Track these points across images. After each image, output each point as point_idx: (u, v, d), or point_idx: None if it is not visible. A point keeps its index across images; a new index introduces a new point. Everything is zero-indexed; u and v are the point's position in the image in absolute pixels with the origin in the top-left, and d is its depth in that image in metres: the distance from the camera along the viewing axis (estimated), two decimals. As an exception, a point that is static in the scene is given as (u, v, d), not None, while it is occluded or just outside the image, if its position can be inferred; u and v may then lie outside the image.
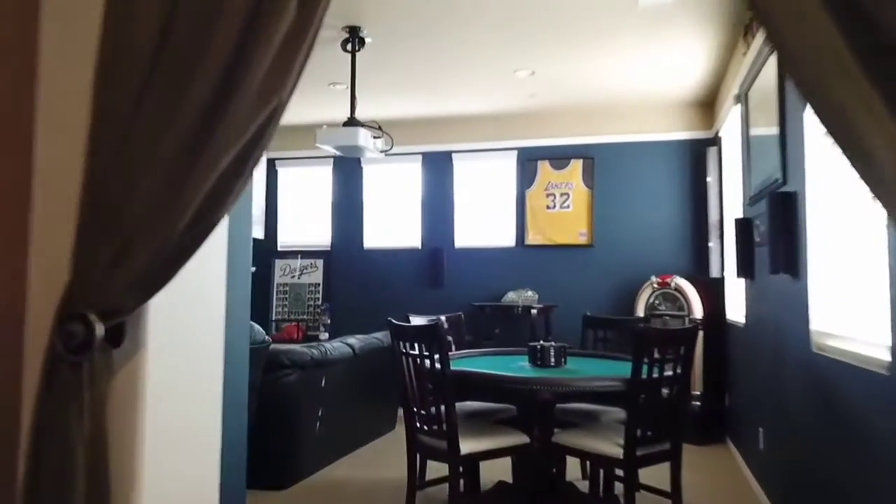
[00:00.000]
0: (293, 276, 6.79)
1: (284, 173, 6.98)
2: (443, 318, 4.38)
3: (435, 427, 3.14)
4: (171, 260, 1.27)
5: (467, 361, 3.66)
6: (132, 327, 1.33)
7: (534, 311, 5.80)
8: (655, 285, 5.57)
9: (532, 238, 6.28)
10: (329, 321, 6.52)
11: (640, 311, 5.59)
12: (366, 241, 6.70)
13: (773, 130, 3.36)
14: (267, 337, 3.26)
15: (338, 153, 4.23)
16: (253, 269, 6.40)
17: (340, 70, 4.86)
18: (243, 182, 1.29)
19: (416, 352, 3.21)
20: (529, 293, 6.06)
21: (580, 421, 3.64)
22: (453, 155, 6.51)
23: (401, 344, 3.30)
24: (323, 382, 4.35)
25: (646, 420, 2.98)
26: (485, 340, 5.83)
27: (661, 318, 5.46)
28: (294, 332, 6.45)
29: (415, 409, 3.25)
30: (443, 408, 3.07)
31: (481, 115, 6.31)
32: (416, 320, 4.18)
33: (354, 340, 4.83)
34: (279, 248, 6.93)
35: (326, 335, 6.47)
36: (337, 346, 4.53)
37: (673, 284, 5.50)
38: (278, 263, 6.86)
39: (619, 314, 5.63)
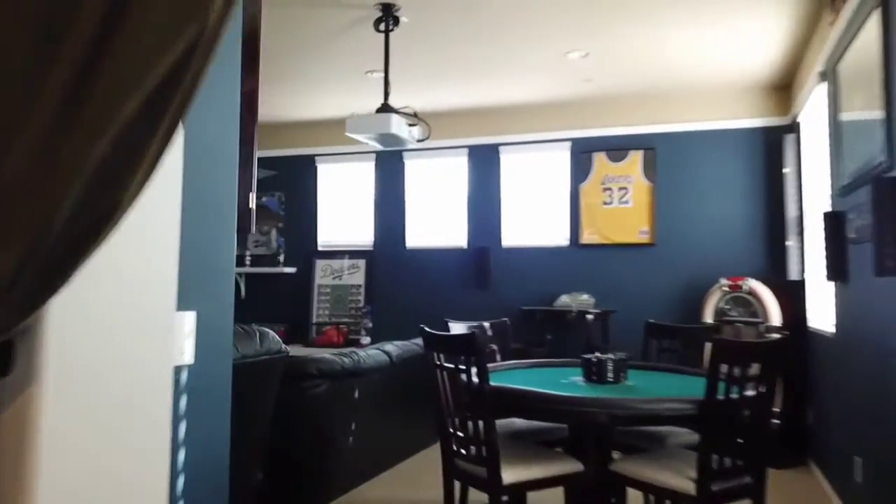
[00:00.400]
0: (335, 277, 6.48)
1: (324, 170, 6.68)
2: (486, 324, 3.97)
3: (473, 451, 2.73)
4: (57, 259, 0.89)
5: (512, 375, 3.23)
6: (24, 349, 0.97)
7: (589, 317, 5.32)
8: (725, 288, 5.02)
9: (587, 237, 5.80)
10: (371, 325, 6.18)
11: (709, 317, 5.05)
12: (408, 240, 6.34)
13: (876, 107, 2.83)
14: (284, 346, 2.91)
15: (370, 143, 3.86)
16: (293, 269, 6.10)
17: (377, 57, 4.50)
18: (161, 138, 0.90)
19: (452, 365, 2.81)
20: (584, 297, 5.58)
21: (643, 444, 3.17)
22: (501, 148, 6.08)
23: (435, 355, 2.91)
24: (356, 393, 3.99)
25: (723, 449, 2.51)
26: (534, 349, 5.38)
27: (733, 324, 4.90)
28: (335, 336, 6.14)
29: (451, 430, 2.85)
30: (482, 428, 2.66)
31: (531, 104, 5.86)
32: (456, 327, 3.78)
33: (392, 347, 4.46)
34: (320, 248, 6.63)
35: (368, 339, 6.13)
36: (372, 354, 4.17)
37: (746, 288, 4.94)
38: (319, 264, 6.56)
39: (684, 320, 5.11)
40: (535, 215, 6.01)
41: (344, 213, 6.59)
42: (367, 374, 4.05)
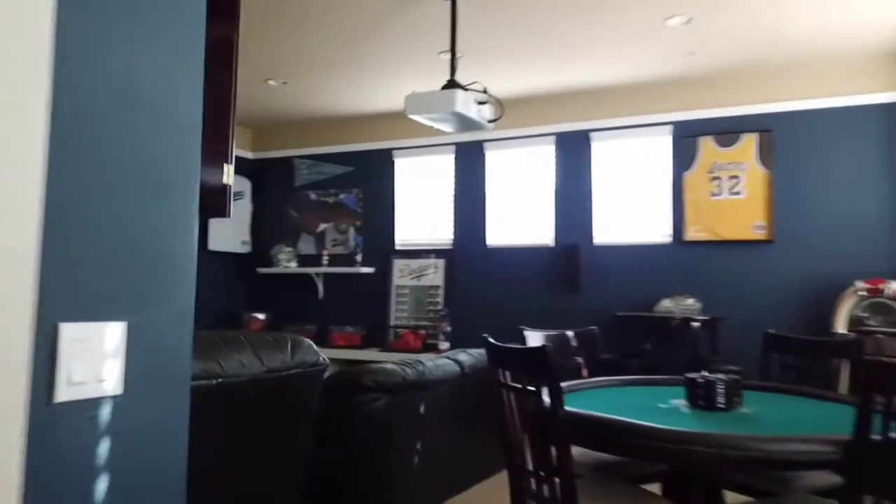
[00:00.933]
0: (413, 278, 6.09)
1: (402, 164, 6.30)
2: (570, 333, 3.43)
3: (546, 489, 2.22)
4: None
5: (598, 396, 2.69)
6: None
7: (695, 325, 4.64)
8: (862, 293, 4.22)
9: (692, 233, 5.11)
10: (449, 329, 5.73)
11: (841, 327, 4.26)
12: (489, 237, 5.84)
13: None
14: (323, 357, 2.50)
15: (434, 125, 3.41)
16: (370, 269, 5.75)
17: (448, 35, 4.05)
18: None
19: (519, 384, 2.32)
20: (689, 301, 4.90)
21: (763, 485, 2.55)
22: (591, 134, 5.48)
23: (500, 372, 2.42)
24: (422, 408, 3.55)
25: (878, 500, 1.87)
26: (630, 360, 4.76)
27: (872, 336, 4.10)
28: (412, 341, 5.74)
29: (518, 462, 2.35)
30: (555, 460, 2.15)
31: (625, 83, 5.23)
32: (532, 337, 3.27)
33: (466, 356, 3.99)
34: (398, 247, 6.25)
35: (447, 345, 5.69)
36: (441, 364, 3.71)
37: (888, 292, 4.13)
38: (397, 263, 6.19)
39: (810, 331, 4.34)
40: (631, 209, 5.37)
41: (422, 209, 6.18)
42: (435, 386, 3.60)
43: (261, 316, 6.64)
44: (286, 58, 4.79)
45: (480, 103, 3.36)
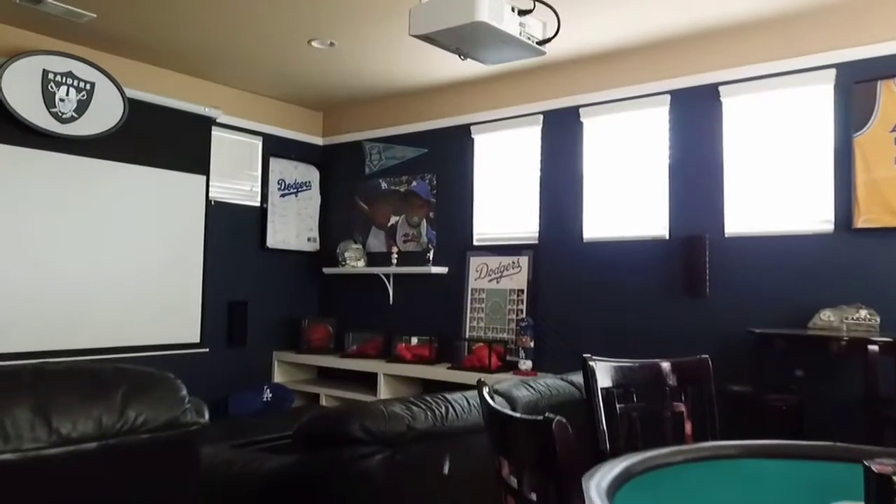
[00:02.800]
0: (491, 279, 4.99)
1: (482, 142, 5.21)
2: (665, 364, 2.20)
3: None
4: None
5: (697, 482, 1.50)
6: None
7: (872, 348, 3.18)
8: None
9: (866, 217, 3.63)
10: (532, 344, 4.57)
11: None
12: (586, 229, 4.62)
13: None
14: (200, 416, 1.50)
15: (451, 48, 2.31)
16: (443, 269, 4.72)
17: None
18: None
19: (516, 480, 1.20)
20: (862, 314, 3.44)
21: None
22: (721, 89, 4.11)
23: (496, 457, 1.33)
24: (446, 468, 2.46)
25: None
26: (770, 395, 3.39)
27: None
28: (486, 358, 4.64)
29: None
30: None
31: (762, 18, 3.84)
32: (601, 371, 2.08)
33: (524, 391, 2.85)
34: (475, 242, 5.18)
35: (528, 364, 4.53)
36: (479, 399, 2.60)
37: None
38: (473, 262, 5.11)
39: None
40: (777, 187, 3.96)
41: (504, 196, 5.06)
42: (464, 437, 2.50)
43: (324, 322, 5.81)
44: (331, 7, 3.87)
45: (523, 12, 2.22)
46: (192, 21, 4.12)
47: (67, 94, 4.37)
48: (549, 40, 2.31)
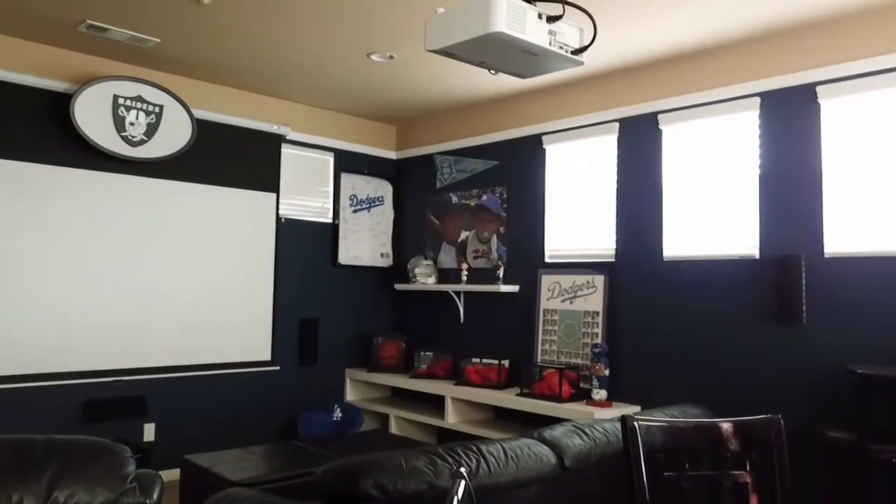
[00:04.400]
0: (565, 300, 4.67)
1: (554, 152, 4.90)
2: (725, 425, 1.85)
3: None
4: None
5: None
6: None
7: None
8: None
9: None
10: (607, 372, 4.22)
11: None
12: (666, 247, 4.21)
13: None
14: (143, 489, 1.34)
15: (473, 61, 2.07)
16: (514, 287, 4.48)
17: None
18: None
19: None
20: None
21: None
22: (819, 89, 3.61)
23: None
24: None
25: None
26: (881, 447, 2.90)
27: None
28: (556, 385, 4.33)
29: None
30: None
31: (866, 6, 3.32)
32: (647, 431, 1.77)
33: (577, 440, 2.54)
34: (547, 259, 4.87)
35: (602, 394, 4.18)
36: (520, 452, 2.32)
37: None
38: (545, 280, 4.81)
39: None
40: (886, 199, 3.42)
41: (578, 209, 4.73)
42: (499, 494, 2.24)
43: (396, 340, 5.67)
44: (385, 22, 3.72)
45: (552, 19, 1.95)
46: (251, 39, 4.08)
47: (137, 117, 4.46)
48: (585, 48, 2.02)
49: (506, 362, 4.83)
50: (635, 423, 1.82)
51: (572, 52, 2.00)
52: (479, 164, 5.39)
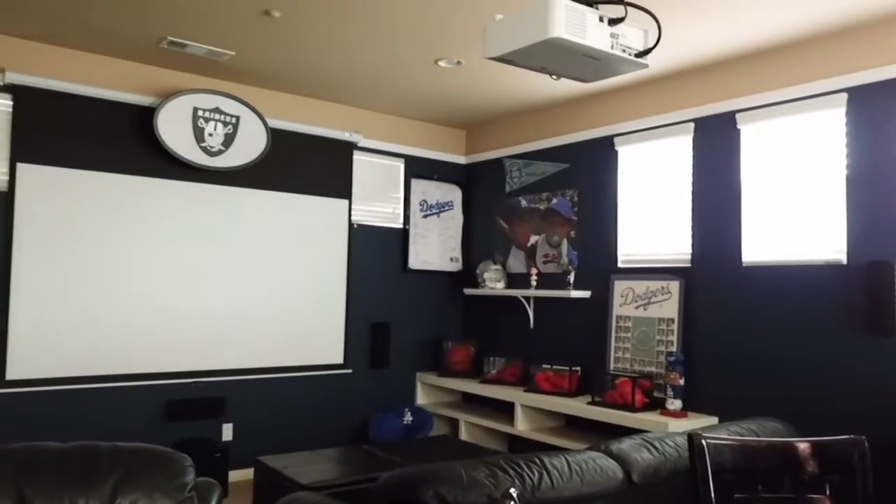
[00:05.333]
0: (638, 306, 4.54)
1: (626, 154, 4.78)
2: (802, 445, 1.73)
3: None
4: None
5: None
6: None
7: None
8: None
9: None
10: (682, 381, 4.07)
11: None
12: (745, 252, 4.03)
13: None
14: (202, 496, 1.37)
15: (534, 67, 2.03)
16: (585, 293, 4.42)
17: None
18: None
19: None
20: None
21: None
22: (913, 82, 3.37)
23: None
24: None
25: None
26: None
27: None
28: (629, 394, 4.21)
29: None
30: None
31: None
32: (716, 451, 1.68)
33: (646, 454, 2.46)
34: (620, 264, 4.75)
35: (678, 404, 4.04)
36: (585, 465, 2.26)
37: None
38: (618, 286, 4.69)
39: None
40: None
41: (651, 213, 4.59)
42: (563, 506, 2.18)
43: (466, 345, 5.66)
44: (451, 28, 3.73)
45: (614, 21, 1.89)
46: (321, 50, 4.17)
47: (215, 128, 4.63)
48: (650, 50, 1.95)
49: (577, 369, 4.74)
50: (703, 441, 1.74)
51: (636, 55, 1.93)
52: (549, 166, 5.31)
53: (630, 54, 1.93)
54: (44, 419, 4.11)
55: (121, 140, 4.39)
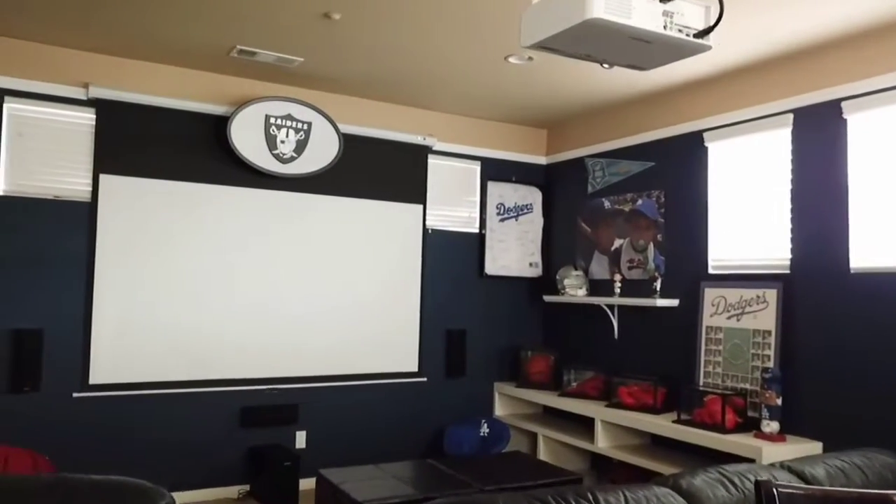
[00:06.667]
0: (731, 316, 4.15)
1: (717, 150, 4.39)
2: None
3: None
4: None
5: None
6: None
7: None
8: None
9: None
10: (779, 401, 3.66)
11: None
12: (853, 257, 3.57)
13: None
14: None
15: (578, 55, 1.81)
16: (673, 302, 4.11)
17: None
18: None
19: None
20: None
21: None
22: None
23: None
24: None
25: None
26: None
27: None
28: (719, 413, 3.84)
29: None
30: None
31: None
32: (790, 501, 1.39)
33: (721, 491, 2.16)
34: (710, 270, 4.36)
35: (774, 426, 3.63)
36: (646, 499, 2.00)
37: None
38: (708, 294, 4.31)
39: None
40: None
41: (746, 214, 4.18)
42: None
43: (545, 354, 5.41)
44: (517, 22, 3.54)
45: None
46: (387, 52, 4.06)
47: (287, 135, 4.63)
48: (712, 29, 1.68)
49: (663, 384, 4.40)
50: (773, 490, 1.46)
51: (695, 36, 1.67)
52: (634, 165, 4.98)
53: (688, 35, 1.67)
54: (124, 422, 4.22)
55: (196, 149, 4.46)
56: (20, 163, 4.02)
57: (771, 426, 3.64)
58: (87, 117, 4.19)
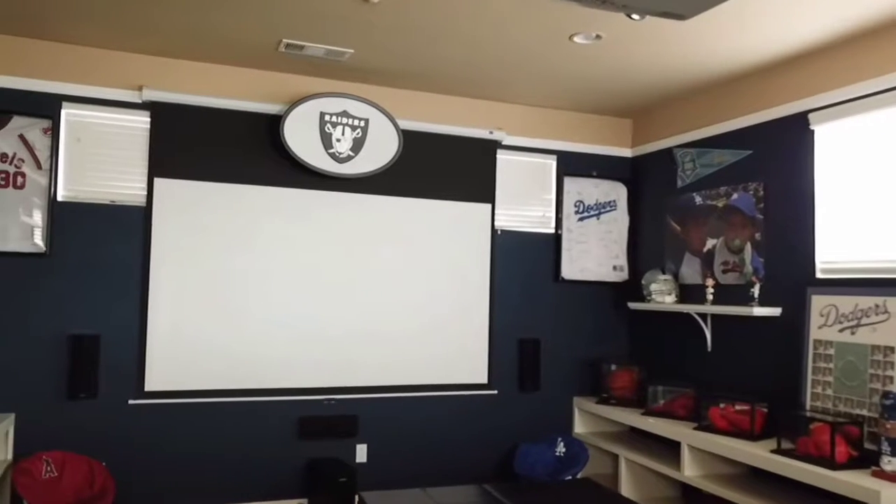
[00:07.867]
0: (844, 328, 3.50)
1: (825, 133, 3.73)
2: None
3: None
4: None
5: None
6: None
7: None
8: None
9: None
10: (905, 434, 3.00)
11: None
12: None
13: None
14: None
15: (605, 5, 1.39)
16: (775, 310, 3.55)
17: None
18: None
19: None
20: None
21: None
22: None
23: None
24: None
25: None
26: None
27: None
28: (828, 444, 3.22)
29: None
30: None
31: None
32: None
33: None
34: (819, 274, 3.72)
35: (894, 462, 2.99)
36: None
37: None
38: (816, 302, 3.67)
39: None
40: None
41: (861, 209, 3.52)
42: None
43: (629, 368, 4.88)
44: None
45: None
46: (441, 38, 3.74)
47: (343, 133, 4.40)
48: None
49: (762, 406, 3.79)
50: None
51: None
52: (728, 155, 4.38)
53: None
54: (179, 430, 4.13)
55: (250, 150, 4.32)
56: (78, 168, 4.02)
57: (892, 464, 2.99)
58: (142, 120, 4.14)
